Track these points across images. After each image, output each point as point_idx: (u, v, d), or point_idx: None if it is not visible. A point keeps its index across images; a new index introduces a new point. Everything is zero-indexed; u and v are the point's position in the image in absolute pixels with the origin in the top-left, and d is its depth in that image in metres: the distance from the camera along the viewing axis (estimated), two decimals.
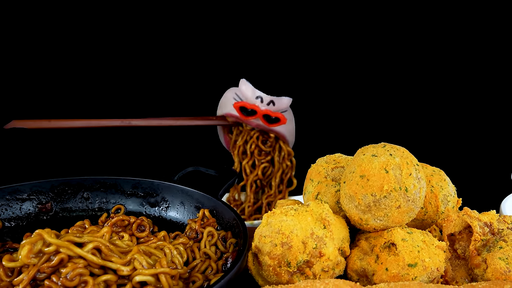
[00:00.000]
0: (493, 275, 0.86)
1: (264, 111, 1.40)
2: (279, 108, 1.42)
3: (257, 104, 1.40)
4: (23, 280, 0.77)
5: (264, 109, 1.40)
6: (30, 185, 1.13)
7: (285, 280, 0.87)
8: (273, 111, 1.41)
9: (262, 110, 1.40)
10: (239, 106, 1.41)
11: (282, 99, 1.42)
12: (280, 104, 1.42)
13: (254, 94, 1.41)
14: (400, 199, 0.87)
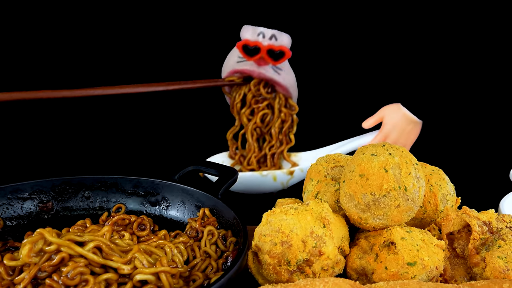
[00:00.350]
0: (492, 274, 0.86)
1: (267, 46, 1.38)
2: (281, 44, 1.40)
3: (259, 40, 1.39)
4: (24, 278, 0.77)
5: (267, 44, 1.39)
6: (31, 184, 1.13)
7: (285, 279, 0.87)
8: (276, 45, 1.40)
9: (265, 46, 1.38)
10: (242, 44, 1.40)
11: (282, 34, 1.41)
12: (282, 39, 1.40)
13: (255, 32, 1.40)
14: (400, 198, 0.87)
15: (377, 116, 1.40)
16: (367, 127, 1.41)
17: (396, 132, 1.38)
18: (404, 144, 1.40)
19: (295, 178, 1.40)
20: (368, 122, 1.41)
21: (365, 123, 1.41)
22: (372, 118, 1.41)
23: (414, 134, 1.41)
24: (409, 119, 1.38)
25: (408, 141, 1.41)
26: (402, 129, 1.38)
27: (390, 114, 1.38)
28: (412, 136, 1.41)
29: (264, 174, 1.34)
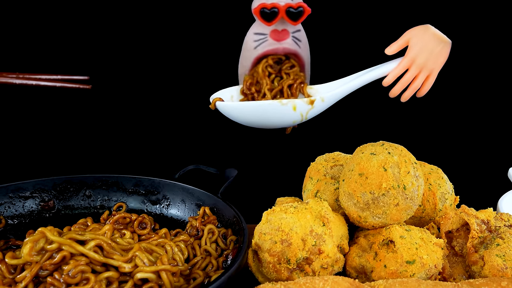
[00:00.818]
0: (490, 272, 0.86)
1: (285, 6, 1.31)
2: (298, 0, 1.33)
3: (275, 2, 1.31)
4: (26, 277, 0.77)
5: (284, 4, 1.31)
6: (33, 183, 1.13)
7: (284, 277, 0.87)
8: (294, 3, 1.32)
9: (282, 6, 1.31)
10: (259, 9, 1.32)
11: None
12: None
13: None
14: (399, 197, 0.87)
15: (402, 40, 1.27)
16: (391, 53, 1.28)
17: (425, 54, 1.25)
18: (433, 68, 1.27)
19: (315, 109, 1.27)
20: (392, 47, 1.27)
21: (389, 49, 1.27)
22: (396, 43, 1.27)
23: (443, 56, 1.29)
24: (439, 38, 1.26)
25: (436, 64, 1.27)
26: (430, 50, 1.26)
27: (417, 36, 1.25)
28: (441, 58, 1.28)
29: (284, 103, 1.21)
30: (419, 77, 1.27)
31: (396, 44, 1.27)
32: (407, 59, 1.26)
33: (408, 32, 1.27)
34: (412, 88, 1.28)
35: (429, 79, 1.28)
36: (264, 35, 1.36)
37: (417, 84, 1.27)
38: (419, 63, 1.26)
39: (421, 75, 1.27)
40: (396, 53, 1.28)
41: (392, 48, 1.27)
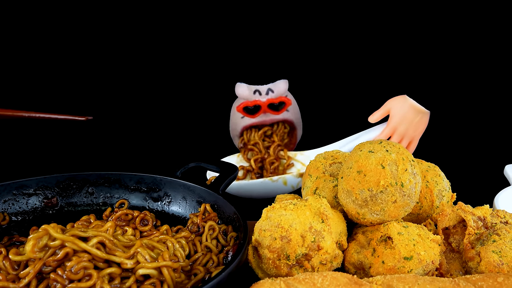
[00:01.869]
0: (486, 268, 0.86)
1: (266, 102, 1.39)
2: (278, 93, 1.41)
3: (257, 98, 1.39)
4: (30, 273, 0.77)
5: (265, 100, 1.39)
6: (36, 181, 1.12)
7: (284, 273, 0.87)
8: (275, 98, 1.40)
9: (264, 102, 1.39)
10: (242, 107, 1.40)
11: (277, 83, 1.41)
12: (278, 89, 1.41)
13: (250, 91, 1.40)
14: (396, 194, 0.87)
15: (383, 109, 1.35)
16: (374, 121, 1.36)
17: (405, 124, 1.34)
18: (413, 135, 1.36)
19: None
20: (374, 116, 1.36)
21: (372, 117, 1.36)
22: (379, 111, 1.36)
23: (423, 125, 1.37)
24: (417, 109, 1.33)
25: (416, 132, 1.36)
26: (410, 120, 1.34)
27: (397, 106, 1.33)
28: (421, 126, 1.36)
29: (274, 180, 1.32)
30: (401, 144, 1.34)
31: (378, 113, 1.35)
32: (389, 128, 1.35)
33: (388, 102, 1.35)
34: None
35: (411, 145, 1.38)
36: None
37: None
38: (400, 132, 1.35)
39: (403, 142, 1.36)
40: None
41: (374, 116, 1.35)
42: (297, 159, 1.47)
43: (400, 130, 1.34)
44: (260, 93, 1.39)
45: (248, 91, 1.40)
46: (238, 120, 1.45)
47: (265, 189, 1.33)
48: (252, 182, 1.32)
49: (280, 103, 1.40)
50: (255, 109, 1.39)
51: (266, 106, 1.39)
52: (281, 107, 1.41)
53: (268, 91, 1.40)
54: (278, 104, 1.40)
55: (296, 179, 1.33)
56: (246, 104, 1.39)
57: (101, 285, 0.77)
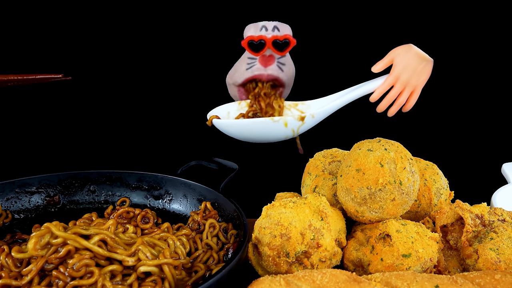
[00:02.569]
0: (484, 265, 0.86)
1: (272, 38, 1.36)
2: (284, 32, 1.38)
3: (263, 34, 1.38)
4: (32, 270, 0.77)
5: (271, 36, 1.36)
6: (39, 179, 1.13)
7: (284, 270, 0.87)
8: (280, 35, 1.37)
9: (269, 38, 1.36)
10: (248, 41, 1.37)
11: (284, 25, 1.39)
12: (284, 29, 1.38)
13: (257, 27, 1.38)
14: (395, 192, 0.87)
15: (387, 58, 1.31)
16: (377, 71, 1.32)
17: (408, 72, 1.30)
18: (416, 84, 1.32)
19: (306, 124, 1.33)
20: (377, 65, 1.31)
21: (375, 67, 1.31)
22: (382, 61, 1.31)
23: (426, 73, 1.33)
24: (421, 57, 1.29)
25: (420, 80, 1.32)
26: (413, 68, 1.30)
27: (401, 55, 1.29)
28: (424, 75, 1.32)
29: (275, 120, 1.27)
30: (403, 94, 1.31)
31: (382, 62, 1.31)
32: (391, 77, 1.30)
33: (392, 52, 1.31)
34: (398, 104, 1.33)
35: (413, 95, 1.33)
36: (254, 59, 1.41)
37: (402, 100, 1.32)
38: (403, 80, 1.30)
39: (405, 92, 1.32)
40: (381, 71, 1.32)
41: (377, 66, 1.31)
42: (298, 108, 1.44)
43: (403, 78, 1.31)
44: (266, 28, 1.37)
45: (254, 28, 1.37)
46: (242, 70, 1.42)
47: (264, 130, 1.30)
48: (251, 121, 1.29)
49: (284, 42, 1.37)
50: (260, 46, 1.37)
51: (270, 42, 1.37)
52: (286, 47, 1.39)
53: (274, 29, 1.37)
54: (282, 43, 1.36)
55: (297, 122, 1.30)
56: (251, 38, 1.36)
57: (103, 282, 0.77)
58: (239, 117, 1.45)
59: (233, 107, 1.45)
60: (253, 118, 1.31)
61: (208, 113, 1.38)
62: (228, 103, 1.45)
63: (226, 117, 1.42)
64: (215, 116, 1.36)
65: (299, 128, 1.32)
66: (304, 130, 1.34)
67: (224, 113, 1.42)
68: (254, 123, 1.28)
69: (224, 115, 1.42)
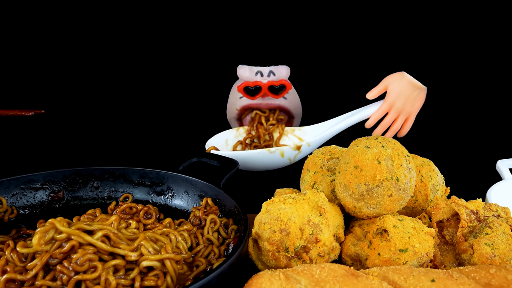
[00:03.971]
0: (479, 260, 0.86)
1: (267, 83, 1.37)
2: (280, 77, 1.39)
3: (258, 79, 1.38)
4: (37, 265, 0.77)
5: (266, 82, 1.37)
6: (43, 175, 1.12)
7: (283, 265, 0.87)
8: (276, 80, 1.38)
9: (265, 84, 1.37)
10: (243, 87, 1.38)
11: (279, 67, 1.39)
12: (280, 72, 1.39)
13: (252, 72, 1.38)
14: (392, 188, 0.87)
15: (381, 85, 1.32)
16: (372, 98, 1.33)
17: (402, 100, 1.30)
18: (410, 111, 1.33)
19: (302, 153, 1.35)
20: (372, 92, 1.32)
21: (369, 94, 1.32)
22: (376, 88, 1.32)
23: (419, 101, 1.34)
24: (414, 85, 1.30)
25: (413, 108, 1.33)
26: (407, 96, 1.30)
27: (394, 82, 1.30)
28: (417, 102, 1.33)
29: (272, 151, 1.29)
30: (398, 120, 1.33)
31: (376, 89, 1.32)
32: (386, 104, 1.31)
33: (386, 79, 1.32)
34: (392, 130, 1.34)
35: (408, 121, 1.34)
36: None
37: (397, 126, 1.33)
38: (397, 108, 1.31)
39: (400, 119, 1.33)
40: None
41: (372, 93, 1.32)
42: (295, 134, 1.45)
43: (397, 106, 1.31)
44: (262, 74, 1.37)
45: (250, 72, 1.38)
46: (236, 100, 1.43)
47: (261, 160, 1.31)
48: (249, 152, 1.30)
49: (280, 86, 1.37)
50: (256, 91, 1.37)
51: (266, 88, 1.37)
52: (282, 91, 1.38)
53: (270, 74, 1.37)
54: (278, 88, 1.37)
55: (293, 151, 1.32)
56: (247, 84, 1.36)
57: (106, 276, 0.77)
58: (237, 144, 1.46)
59: (231, 134, 1.46)
60: (250, 150, 1.32)
61: (206, 143, 1.39)
62: (225, 130, 1.46)
63: (224, 145, 1.44)
64: (213, 147, 1.37)
65: (295, 157, 1.34)
66: (301, 157, 1.35)
67: (222, 141, 1.43)
68: (251, 155, 1.30)
69: (222, 143, 1.43)
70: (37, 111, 1.32)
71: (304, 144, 1.32)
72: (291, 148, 1.31)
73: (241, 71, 1.39)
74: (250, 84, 1.36)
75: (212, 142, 1.40)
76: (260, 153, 1.30)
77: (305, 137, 1.44)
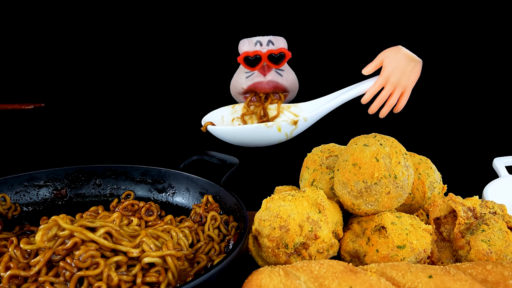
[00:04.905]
0: (476, 256, 0.86)
1: (267, 52, 1.34)
2: (279, 46, 1.36)
3: (257, 49, 1.36)
4: (40, 261, 0.77)
5: (266, 51, 1.35)
6: (46, 173, 1.12)
7: (283, 261, 0.87)
8: (275, 49, 1.35)
9: (264, 52, 1.34)
10: (243, 57, 1.36)
11: (278, 38, 1.37)
12: (278, 42, 1.36)
13: (251, 43, 1.36)
14: (390, 186, 0.87)
15: (377, 60, 1.29)
16: (367, 73, 1.29)
17: (397, 73, 1.28)
18: (406, 85, 1.30)
19: (299, 128, 1.31)
20: (368, 68, 1.29)
21: (365, 70, 1.29)
22: (372, 63, 1.29)
23: (415, 74, 1.31)
24: (410, 57, 1.27)
25: (409, 81, 1.29)
26: (403, 69, 1.27)
27: (390, 56, 1.27)
28: (413, 75, 1.30)
29: (269, 125, 1.26)
30: (394, 94, 1.29)
31: (372, 65, 1.29)
32: (381, 78, 1.29)
33: (381, 54, 1.29)
34: (389, 105, 1.31)
35: (404, 95, 1.31)
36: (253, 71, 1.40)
37: (393, 100, 1.30)
38: (393, 82, 1.28)
39: (395, 93, 1.30)
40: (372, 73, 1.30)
41: (368, 68, 1.29)
42: (291, 110, 1.42)
43: (392, 79, 1.28)
44: (261, 43, 1.35)
45: (249, 43, 1.36)
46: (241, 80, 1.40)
47: (258, 135, 1.28)
48: (246, 127, 1.27)
49: (280, 55, 1.35)
50: (256, 61, 1.36)
51: (266, 57, 1.35)
52: (281, 60, 1.36)
53: (269, 43, 1.36)
54: (278, 56, 1.35)
55: (290, 126, 1.29)
56: (247, 54, 1.34)
57: (108, 272, 0.77)
58: (232, 121, 1.43)
59: (227, 111, 1.44)
60: (247, 125, 1.29)
61: (202, 119, 1.36)
62: (222, 107, 1.44)
63: (220, 121, 1.41)
64: (210, 122, 1.35)
65: (292, 132, 1.31)
66: (297, 133, 1.33)
67: (218, 117, 1.40)
68: (248, 129, 1.27)
69: (218, 120, 1.40)
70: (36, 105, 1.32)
71: (301, 119, 1.30)
72: (288, 122, 1.28)
73: (241, 45, 1.38)
74: (250, 54, 1.34)
75: (208, 118, 1.38)
76: (258, 127, 1.27)
77: (301, 113, 1.41)
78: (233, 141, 1.31)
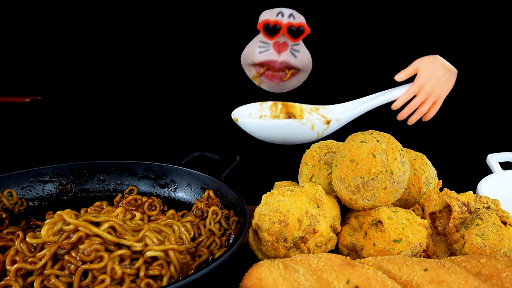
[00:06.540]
0: (470, 250, 0.86)
1: (287, 24, 1.31)
2: (300, 21, 1.33)
3: (279, 19, 1.32)
4: (45, 255, 0.77)
5: (286, 22, 1.31)
6: (52, 168, 1.12)
7: (282, 254, 0.87)
8: (296, 22, 1.32)
9: (285, 24, 1.31)
10: (263, 24, 1.32)
11: (299, 14, 1.33)
12: (300, 17, 1.33)
13: (273, 12, 1.32)
14: (386, 181, 0.87)
15: (411, 67, 1.26)
16: (401, 80, 1.26)
17: (432, 82, 1.24)
18: (439, 95, 1.27)
19: (330, 128, 1.26)
20: (401, 74, 1.26)
21: (398, 76, 1.26)
22: (406, 70, 1.26)
23: (449, 84, 1.28)
24: (447, 67, 1.25)
25: (443, 91, 1.27)
26: (438, 78, 1.25)
27: (426, 64, 1.24)
28: (447, 86, 1.28)
29: (303, 122, 1.20)
30: (426, 103, 1.26)
31: (406, 71, 1.26)
32: (416, 86, 1.25)
33: (417, 61, 1.26)
34: (419, 113, 1.28)
35: (435, 105, 1.28)
36: (268, 44, 1.35)
37: (424, 109, 1.27)
38: (427, 90, 1.25)
39: (428, 101, 1.27)
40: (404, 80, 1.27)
41: (401, 75, 1.26)
42: (319, 112, 1.38)
43: (426, 88, 1.25)
44: (282, 14, 1.30)
45: (270, 13, 1.32)
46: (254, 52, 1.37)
47: (291, 131, 1.22)
48: (279, 121, 1.22)
49: (299, 29, 1.31)
50: (274, 31, 1.31)
51: (285, 28, 1.32)
52: (300, 34, 1.33)
53: (290, 16, 1.31)
54: (297, 30, 1.31)
55: (323, 125, 1.23)
56: (267, 21, 1.31)
57: (112, 266, 0.77)
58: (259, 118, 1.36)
59: (254, 108, 1.37)
60: (280, 120, 1.23)
61: (232, 113, 1.29)
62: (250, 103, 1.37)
63: (248, 117, 1.34)
64: None
65: (324, 131, 1.25)
66: (328, 133, 1.27)
67: (245, 114, 1.34)
68: (280, 124, 1.21)
69: (246, 116, 1.34)
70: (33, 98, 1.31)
71: (334, 119, 1.25)
72: (321, 121, 1.22)
73: (262, 14, 1.34)
74: (270, 22, 1.30)
75: (237, 113, 1.31)
76: (291, 122, 1.21)
77: (329, 115, 1.36)
78: (262, 136, 1.25)
